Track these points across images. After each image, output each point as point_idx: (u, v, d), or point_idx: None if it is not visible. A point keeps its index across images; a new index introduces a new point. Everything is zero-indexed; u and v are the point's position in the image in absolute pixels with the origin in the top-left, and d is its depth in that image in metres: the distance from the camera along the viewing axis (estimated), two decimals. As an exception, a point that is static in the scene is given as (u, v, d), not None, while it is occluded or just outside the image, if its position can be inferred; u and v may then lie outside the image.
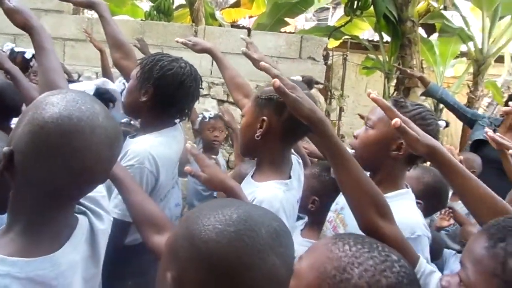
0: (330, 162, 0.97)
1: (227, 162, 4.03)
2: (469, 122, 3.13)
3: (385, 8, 4.44)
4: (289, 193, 1.14)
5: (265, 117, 1.13)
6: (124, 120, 2.17)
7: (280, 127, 1.13)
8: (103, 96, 1.42)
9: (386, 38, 4.98)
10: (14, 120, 2.11)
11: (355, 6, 4.65)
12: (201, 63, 4.08)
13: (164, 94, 1.36)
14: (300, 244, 1.50)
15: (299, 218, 1.72)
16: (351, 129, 6.89)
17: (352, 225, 1.14)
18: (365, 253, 0.65)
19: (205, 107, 3.74)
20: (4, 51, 2.89)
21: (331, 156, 0.94)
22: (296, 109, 0.91)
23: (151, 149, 1.31)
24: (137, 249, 1.23)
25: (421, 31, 5.05)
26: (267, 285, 0.59)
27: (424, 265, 0.89)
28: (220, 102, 3.96)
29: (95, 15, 4.37)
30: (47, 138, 0.68)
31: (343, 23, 5.11)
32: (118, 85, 2.38)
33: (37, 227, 0.73)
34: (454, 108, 3.17)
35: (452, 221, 2.17)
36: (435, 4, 5.00)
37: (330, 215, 1.31)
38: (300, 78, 1.30)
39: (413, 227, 1.06)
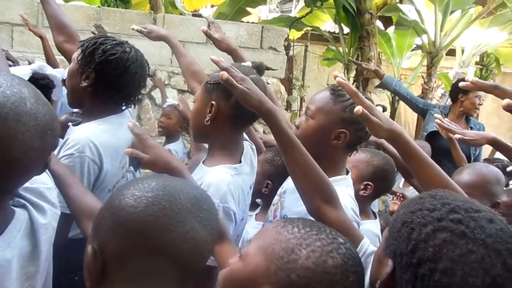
0: (280, 149, 1.01)
1: (189, 152, 3.99)
2: (422, 111, 3.28)
3: (345, 0, 4.53)
4: (238, 177, 1.15)
5: (213, 102, 1.13)
6: (76, 110, 2.09)
7: (228, 111, 1.13)
8: (41, 82, 1.33)
9: (346, 30, 5.08)
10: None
11: (315, -3, 4.70)
12: (161, 52, 3.99)
13: (107, 79, 1.30)
14: (254, 227, 1.54)
15: (256, 205, 1.75)
16: (313, 119, 7.02)
17: (288, 208, 1.19)
18: (313, 235, 0.67)
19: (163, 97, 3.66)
20: None
21: (280, 144, 0.98)
22: (245, 100, 0.94)
23: (92, 137, 1.26)
24: (83, 243, 1.19)
25: (379, 24, 5.19)
26: (186, 248, 0.60)
27: (366, 245, 0.94)
28: (181, 92, 3.90)
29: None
30: None
31: (304, 14, 5.15)
32: (60, 71, 2.28)
33: None
34: (407, 99, 3.32)
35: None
36: (392, -3, 5.15)
37: (276, 198, 1.34)
38: (250, 64, 1.29)
39: None
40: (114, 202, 0.61)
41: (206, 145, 2.50)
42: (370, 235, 1.46)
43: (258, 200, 1.74)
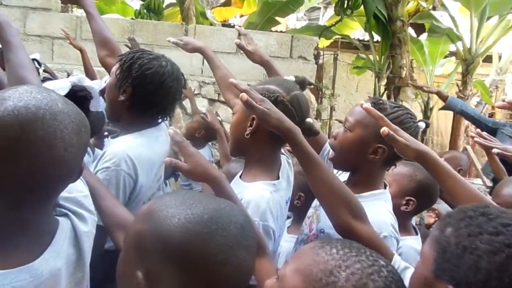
0: (302, 167, 1.00)
1: (218, 162, 4.02)
2: (492, 131, 3.14)
3: (375, 8, 4.47)
4: (276, 193, 1.13)
5: (255, 116, 1.12)
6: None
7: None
8: (79, 94, 1.37)
9: (376, 37, 5.01)
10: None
11: (345, 6, 4.67)
12: (192, 62, 4.07)
13: (143, 94, 1.31)
14: (286, 240, 1.52)
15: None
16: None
17: (324, 222, 1.16)
18: (353, 256, 0.65)
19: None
20: None
21: (302, 161, 0.98)
22: (265, 120, 0.96)
23: (128, 151, 1.26)
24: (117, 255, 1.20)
25: (410, 31, 5.09)
26: (238, 278, 0.61)
27: (399, 261, 0.92)
28: (211, 101, 3.95)
29: (83, 13, 4.33)
30: (6, 133, 0.63)
31: (334, 23, 5.13)
32: (97, 83, 2.35)
33: (12, 235, 0.69)
34: (474, 119, 3.22)
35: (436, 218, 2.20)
36: (424, 4, 5.04)
37: (310, 211, 1.32)
38: (293, 78, 1.29)
39: (380, 227, 1.07)
40: (165, 233, 0.59)
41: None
42: (412, 252, 1.41)
43: (288, 213, 1.72)
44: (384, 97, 4.81)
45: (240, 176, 1.21)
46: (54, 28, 3.88)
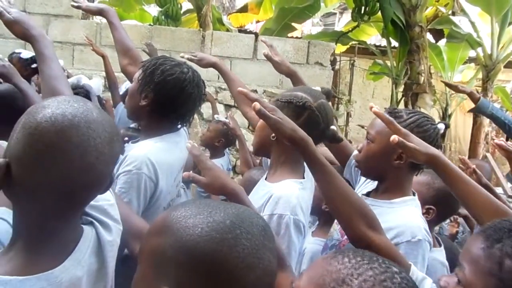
0: (315, 178, 1.01)
1: (234, 167, 4.03)
2: None
3: (393, 14, 4.43)
4: (304, 191, 1.16)
5: None
6: (133, 125, 2.18)
7: None
8: (75, 93, 1.39)
9: (394, 43, 4.96)
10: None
11: (362, 12, 4.65)
12: (209, 68, 4.10)
13: (164, 99, 1.33)
14: (311, 243, 1.51)
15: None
16: (358, 134, 6.87)
17: None
18: (365, 264, 0.64)
19: (211, 112, 3.74)
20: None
21: (315, 172, 0.98)
22: (278, 129, 0.96)
23: (149, 155, 1.28)
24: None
25: (429, 37, 5.03)
26: (266, 280, 0.61)
27: (416, 272, 0.91)
28: (228, 107, 3.97)
29: (104, 20, 4.42)
30: (42, 138, 0.65)
31: (351, 29, 5.10)
32: (95, 82, 2.39)
33: (39, 242, 0.70)
34: (504, 125, 3.03)
35: (461, 228, 2.15)
36: (443, 10, 4.98)
37: None
38: (319, 89, 1.31)
39: (414, 231, 1.09)
40: (189, 244, 0.59)
41: (257, 162, 2.49)
42: (436, 264, 1.40)
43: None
44: (402, 104, 4.75)
45: (266, 179, 1.23)
46: (75, 34, 3.97)
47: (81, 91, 1.41)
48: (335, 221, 1.34)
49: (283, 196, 1.08)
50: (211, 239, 0.58)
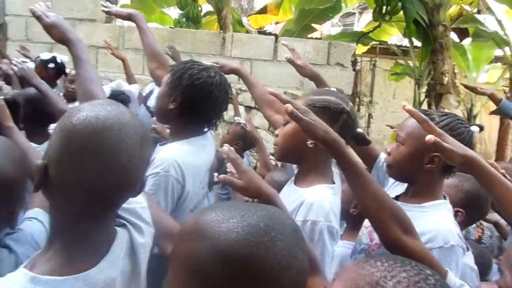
0: (348, 181, 0.99)
1: (254, 168, 4.03)
2: None
3: (416, 13, 4.35)
4: (335, 197, 1.16)
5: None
6: (154, 126, 2.21)
7: None
8: (118, 98, 1.43)
9: (416, 43, 4.87)
10: (52, 126, 2.19)
11: (384, 12, 4.58)
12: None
13: (192, 103, 1.36)
14: (341, 246, 1.50)
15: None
16: (379, 135, 6.77)
17: None
18: (398, 267, 0.63)
19: (232, 114, 3.76)
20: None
21: (348, 175, 0.97)
22: (311, 131, 0.95)
23: (177, 157, 1.30)
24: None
25: (453, 36, 4.92)
26: (300, 280, 0.61)
27: (453, 279, 0.90)
28: (248, 108, 3.97)
29: (126, 23, 4.51)
30: (76, 140, 0.68)
31: (372, 29, 5.03)
32: (135, 87, 2.43)
33: (74, 243, 0.71)
34: None
35: (489, 232, 2.09)
36: (468, 8, 4.86)
37: (367, 220, 1.31)
38: (335, 90, 1.30)
39: (447, 237, 1.06)
40: (225, 250, 0.58)
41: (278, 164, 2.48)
42: (465, 269, 1.36)
43: None
44: (425, 105, 4.66)
45: (295, 183, 1.23)
46: (99, 38, 4.05)
47: (123, 97, 1.45)
48: (363, 224, 1.32)
49: (316, 202, 1.08)
50: (248, 243, 0.58)
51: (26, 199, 0.99)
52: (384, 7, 4.53)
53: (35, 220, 1.03)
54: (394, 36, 6.02)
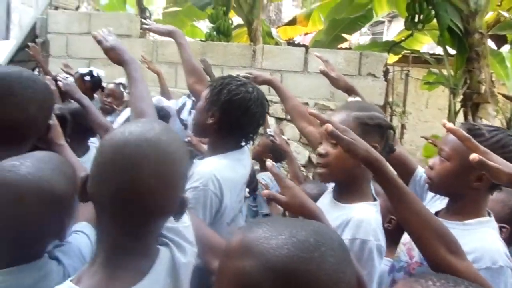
0: (390, 199, 0.97)
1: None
2: None
3: (450, 21, 4.24)
4: (378, 214, 1.15)
5: (377, 144, 1.12)
6: (186, 139, 2.25)
7: (380, 153, 1.13)
8: (159, 114, 1.48)
9: (450, 51, 4.74)
10: (91, 139, 2.27)
11: (416, 20, 4.50)
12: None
13: (230, 118, 1.38)
14: None
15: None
16: (411, 146, 6.60)
17: None
18: (450, 286, 0.61)
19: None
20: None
21: (390, 193, 0.95)
22: (352, 151, 0.94)
23: (215, 171, 1.32)
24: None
25: (490, 43, 4.76)
26: None
27: None
28: (279, 120, 3.97)
29: (159, 38, 4.63)
30: (105, 156, 0.71)
31: (404, 38, 4.95)
32: (174, 103, 2.49)
33: (117, 260, 0.73)
34: None
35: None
36: (506, 14, 4.70)
37: (405, 237, 1.28)
38: (359, 99, 1.29)
39: (495, 257, 1.02)
40: (277, 266, 0.58)
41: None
42: None
43: None
44: (461, 114, 4.51)
45: (336, 199, 1.22)
46: (134, 52, 4.17)
47: (163, 113, 1.50)
48: (401, 241, 1.29)
49: (365, 220, 1.07)
50: (300, 259, 0.58)
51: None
52: (417, 16, 4.45)
53: (81, 234, 1.06)
54: (425, 44, 5.89)
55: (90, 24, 4.27)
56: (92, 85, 3.17)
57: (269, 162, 0.98)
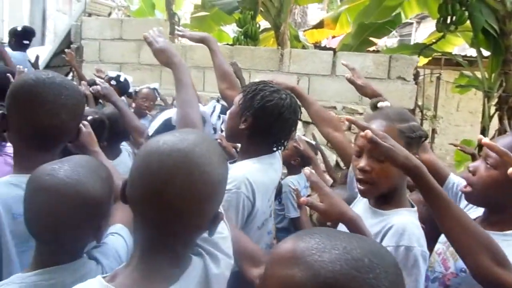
0: (431, 207, 0.95)
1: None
2: None
3: (485, 22, 4.11)
4: (418, 221, 1.13)
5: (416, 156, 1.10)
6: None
7: None
8: None
9: (485, 53, 4.59)
10: (123, 143, 2.33)
11: (448, 22, 4.38)
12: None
13: (263, 124, 1.38)
14: None
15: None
16: (441, 150, 6.41)
17: None
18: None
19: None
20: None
21: (431, 202, 0.93)
22: (391, 157, 0.92)
23: (248, 175, 1.33)
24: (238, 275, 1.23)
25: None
26: None
27: None
28: (306, 124, 3.95)
29: (188, 42, 4.71)
30: (137, 160, 0.73)
31: (434, 40, 4.83)
32: (210, 107, 2.51)
33: (149, 263, 0.74)
34: None
35: None
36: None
37: (439, 246, 1.26)
38: (389, 104, 1.26)
39: None
40: (322, 275, 0.57)
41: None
42: None
43: None
44: (495, 119, 4.35)
45: (374, 205, 1.20)
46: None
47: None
48: (434, 250, 1.25)
49: (408, 227, 1.05)
50: (353, 278, 0.56)
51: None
52: (449, 17, 4.33)
53: (117, 235, 1.09)
54: (456, 46, 5.72)
55: (122, 29, 4.39)
56: (118, 89, 3.26)
57: (307, 170, 0.97)
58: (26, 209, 0.89)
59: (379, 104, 1.52)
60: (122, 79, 3.27)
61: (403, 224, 1.05)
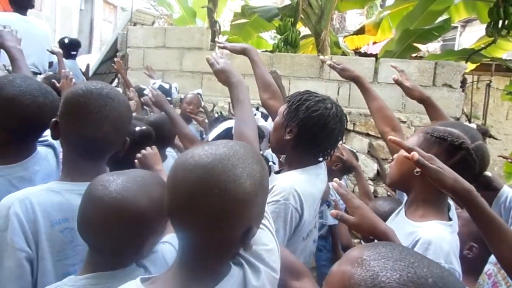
0: (483, 232, 0.91)
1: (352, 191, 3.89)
2: None
3: (541, 26, 3.88)
4: (453, 235, 1.07)
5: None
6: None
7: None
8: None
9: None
10: (168, 149, 2.38)
11: (499, 26, 4.17)
12: (327, 92, 4.08)
13: (308, 134, 1.37)
14: None
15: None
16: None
17: None
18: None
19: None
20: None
21: (483, 227, 0.90)
22: (439, 180, 0.90)
23: (296, 186, 1.32)
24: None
25: None
26: None
27: None
28: (346, 131, 3.88)
29: (226, 51, 4.76)
30: (172, 170, 0.75)
31: (484, 45, 4.60)
32: (270, 124, 2.51)
33: (187, 270, 0.75)
34: None
35: None
36: None
37: (489, 267, 1.21)
38: (475, 126, 1.20)
39: None
40: (380, 279, 0.56)
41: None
42: None
43: None
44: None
45: (405, 214, 1.16)
46: (204, 64, 4.30)
47: (258, 133, 1.53)
48: (484, 271, 1.18)
49: (434, 242, 1.00)
50: None
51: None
52: (500, 22, 4.12)
53: (167, 244, 1.11)
54: (507, 51, 5.42)
55: (165, 38, 4.52)
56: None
57: (335, 183, 0.95)
58: (79, 214, 0.93)
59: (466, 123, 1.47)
60: (166, 86, 3.37)
61: (430, 237, 1.01)
